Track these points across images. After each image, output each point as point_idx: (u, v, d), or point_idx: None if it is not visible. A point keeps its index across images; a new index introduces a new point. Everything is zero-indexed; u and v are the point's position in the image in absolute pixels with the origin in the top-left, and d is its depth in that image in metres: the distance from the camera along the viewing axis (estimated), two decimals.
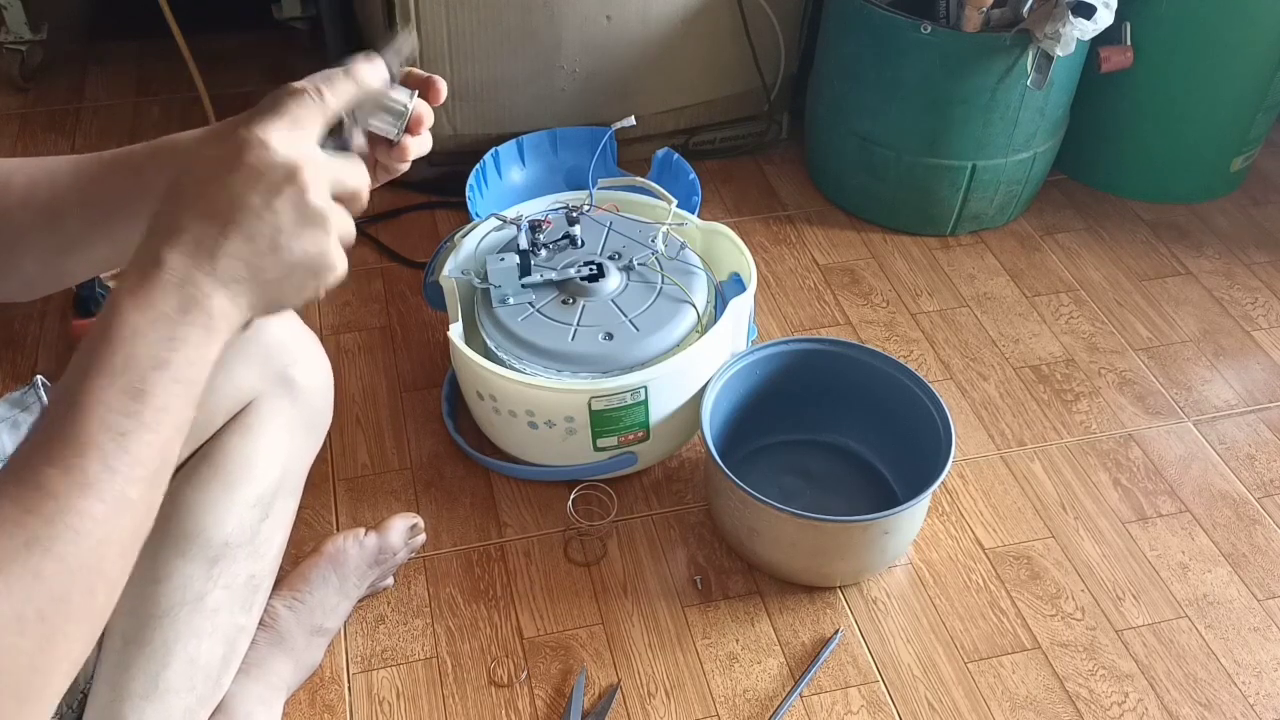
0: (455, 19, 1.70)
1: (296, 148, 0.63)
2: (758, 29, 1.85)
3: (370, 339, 1.62)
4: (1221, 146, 1.89)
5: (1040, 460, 1.47)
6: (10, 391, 0.95)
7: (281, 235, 0.63)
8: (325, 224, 0.65)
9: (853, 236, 1.85)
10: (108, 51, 2.24)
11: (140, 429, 0.59)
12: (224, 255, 0.61)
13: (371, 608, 1.27)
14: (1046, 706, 1.19)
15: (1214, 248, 1.85)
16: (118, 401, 0.58)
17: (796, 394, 1.39)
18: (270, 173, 0.62)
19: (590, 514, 1.35)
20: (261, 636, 1.09)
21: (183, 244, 0.61)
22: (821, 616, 1.27)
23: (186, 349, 0.60)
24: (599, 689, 1.20)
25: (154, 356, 0.59)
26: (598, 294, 1.36)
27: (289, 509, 1.01)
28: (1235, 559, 1.35)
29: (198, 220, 0.61)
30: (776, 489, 1.33)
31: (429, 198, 1.88)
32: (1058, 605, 1.29)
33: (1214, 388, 1.59)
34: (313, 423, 1.01)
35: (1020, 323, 1.69)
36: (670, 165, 1.70)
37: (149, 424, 0.59)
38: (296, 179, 0.62)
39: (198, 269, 0.61)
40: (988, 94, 1.68)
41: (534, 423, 1.31)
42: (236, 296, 0.62)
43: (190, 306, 0.60)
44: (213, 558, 0.93)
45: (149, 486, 0.61)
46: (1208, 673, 1.23)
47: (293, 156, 0.63)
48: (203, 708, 0.97)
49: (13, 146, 1.98)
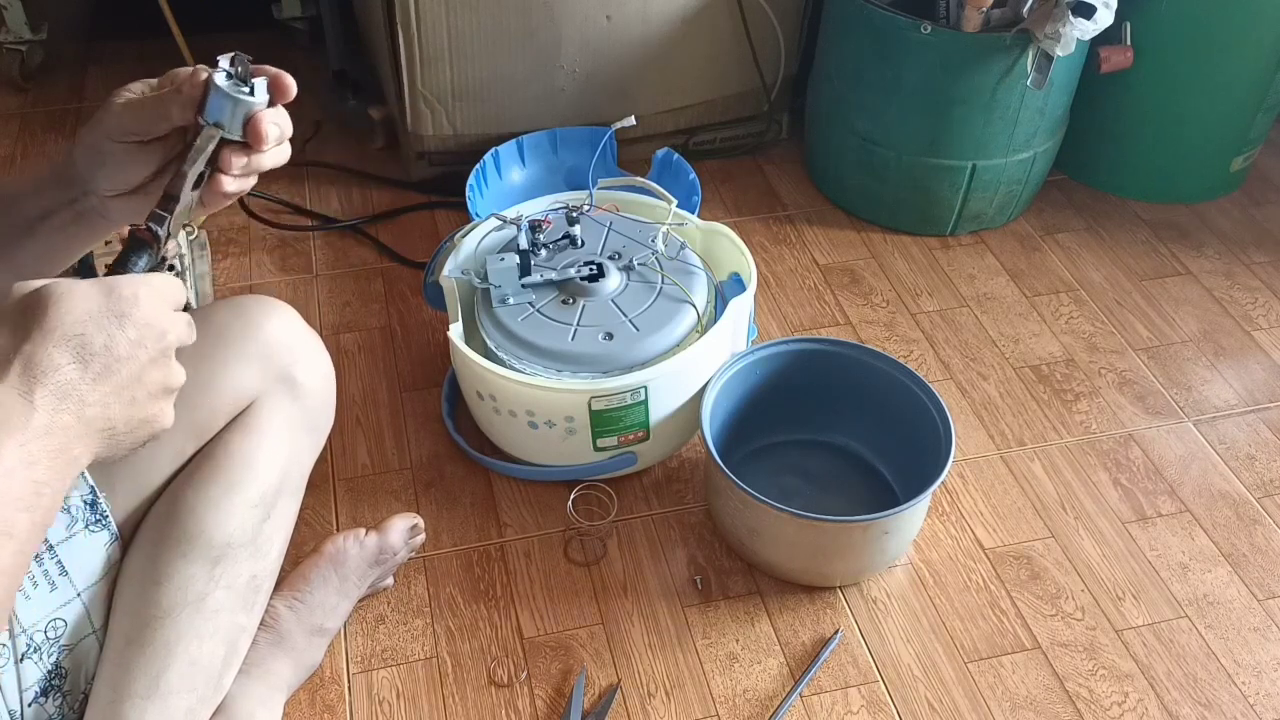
0: (455, 19, 1.70)
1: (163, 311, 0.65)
2: (758, 29, 1.86)
3: (370, 339, 1.62)
4: (1221, 146, 1.89)
5: (1040, 460, 1.47)
6: None
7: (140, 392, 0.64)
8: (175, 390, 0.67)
9: (853, 236, 1.85)
10: (108, 51, 2.24)
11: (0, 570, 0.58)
12: (92, 404, 0.62)
13: (371, 608, 1.27)
14: (1046, 706, 1.19)
15: (1214, 248, 1.85)
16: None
17: (796, 394, 1.40)
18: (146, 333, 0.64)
19: (590, 514, 1.35)
20: (262, 637, 1.09)
21: (54, 384, 0.60)
22: (821, 616, 1.27)
23: (50, 493, 0.61)
24: (599, 689, 1.20)
25: (23, 498, 0.59)
26: (598, 294, 1.36)
27: (290, 509, 1.01)
28: (1235, 559, 1.35)
29: (72, 363, 0.61)
30: (776, 489, 1.33)
31: (429, 198, 1.88)
32: (1058, 605, 1.29)
33: (1214, 388, 1.59)
34: (314, 423, 1.01)
35: (1020, 323, 1.69)
36: (670, 165, 1.70)
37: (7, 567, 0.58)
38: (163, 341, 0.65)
39: (67, 412, 0.61)
40: (988, 94, 1.68)
41: (534, 423, 1.31)
42: (92, 445, 0.63)
43: (60, 452, 0.60)
44: (214, 558, 0.93)
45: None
46: (1208, 673, 1.23)
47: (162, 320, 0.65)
48: (204, 708, 0.97)
49: (13, 146, 1.98)
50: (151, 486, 0.93)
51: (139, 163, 0.75)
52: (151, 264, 0.70)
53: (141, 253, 0.70)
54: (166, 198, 0.72)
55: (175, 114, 0.73)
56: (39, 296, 0.62)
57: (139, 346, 0.63)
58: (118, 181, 0.76)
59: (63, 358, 0.61)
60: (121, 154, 0.74)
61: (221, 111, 0.72)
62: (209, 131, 0.72)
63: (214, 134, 0.72)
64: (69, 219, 0.79)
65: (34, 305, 0.62)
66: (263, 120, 0.73)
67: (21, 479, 0.59)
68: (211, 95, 0.71)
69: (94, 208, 0.78)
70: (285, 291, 1.70)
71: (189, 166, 0.72)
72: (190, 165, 0.72)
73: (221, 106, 0.71)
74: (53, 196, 0.78)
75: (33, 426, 0.59)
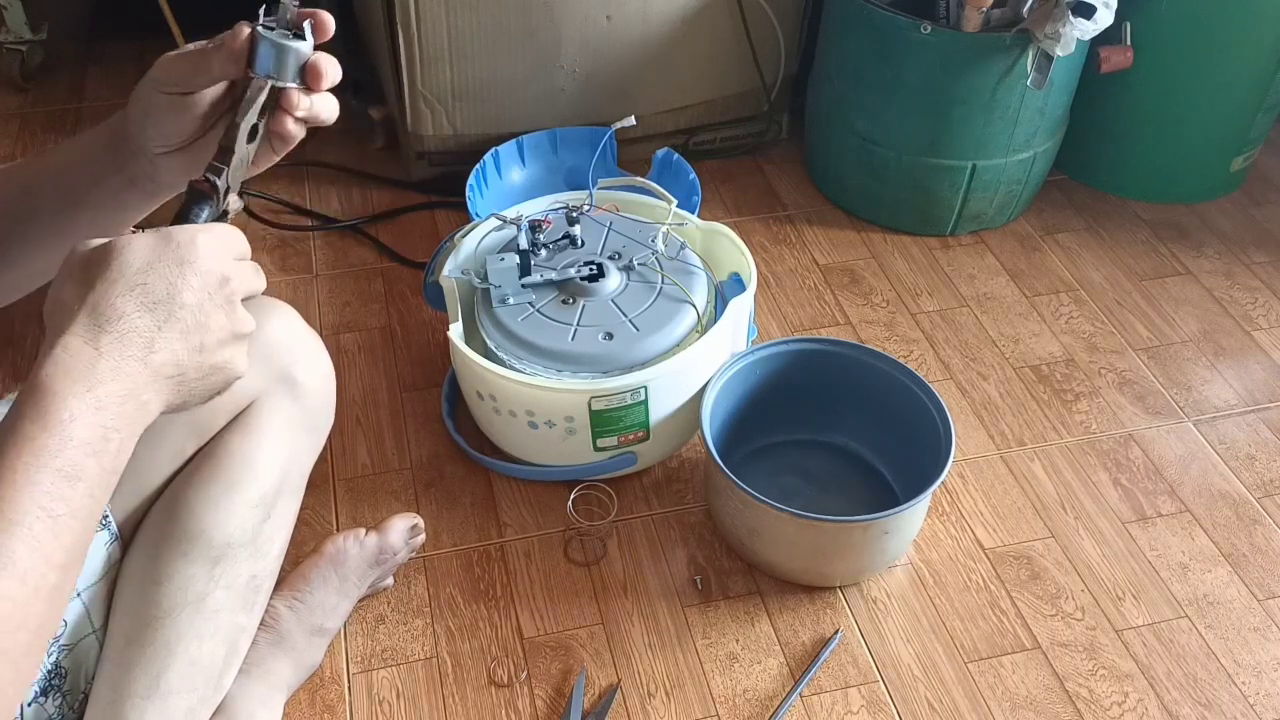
0: (455, 19, 1.70)
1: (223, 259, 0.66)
2: (758, 29, 1.86)
3: (370, 339, 1.62)
4: (1221, 146, 1.89)
5: (1040, 460, 1.47)
6: (11, 392, 0.95)
7: (209, 338, 0.65)
8: (245, 335, 0.68)
9: (853, 236, 1.85)
10: (108, 51, 2.24)
11: (69, 514, 0.58)
12: (159, 350, 0.63)
13: (371, 608, 1.27)
14: (1046, 706, 1.19)
15: (1214, 248, 1.85)
16: (51, 483, 0.58)
17: (796, 394, 1.40)
18: (207, 279, 0.65)
19: (590, 514, 1.35)
20: (262, 637, 1.09)
21: (119, 331, 0.61)
22: (821, 616, 1.27)
23: (119, 439, 0.61)
24: (599, 689, 1.20)
25: (90, 443, 0.59)
26: (598, 294, 1.36)
27: (291, 509, 1.00)
28: (1235, 559, 1.35)
29: (137, 310, 0.62)
30: (776, 489, 1.33)
31: (429, 198, 1.88)
32: (1058, 605, 1.29)
33: (1214, 388, 1.59)
34: (315, 423, 1.01)
35: (1020, 323, 1.69)
36: (670, 165, 1.70)
37: (77, 510, 0.59)
38: (227, 288, 0.66)
39: (134, 359, 0.62)
40: (988, 94, 1.68)
41: (534, 423, 1.31)
42: (162, 391, 0.64)
43: (128, 398, 0.61)
44: (214, 558, 0.93)
45: (63, 575, 0.60)
46: (1208, 673, 1.23)
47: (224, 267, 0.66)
48: (204, 708, 0.97)
49: (13, 146, 1.98)
50: (151, 486, 0.93)
51: (186, 116, 0.75)
52: (213, 216, 0.72)
53: (202, 204, 0.71)
54: (222, 150, 0.73)
55: (216, 67, 0.73)
56: (101, 249, 0.64)
57: (201, 293, 0.65)
58: (167, 134, 0.76)
59: (127, 305, 0.62)
60: (168, 105, 0.75)
61: (269, 60, 0.73)
62: (258, 81, 0.73)
63: (263, 84, 0.73)
64: (120, 185, 0.79)
65: (97, 258, 0.63)
66: (320, 61, 0.74)
67: (89, 424, 0.59)
68: (260, 45, 0.72)
69: (144, 171, 0.78)
70: (285, 291, 1.70)
71: (241, 118, 0.73)
72: (242, 116, 0.73)
73: (269, 55, 0.72)
74: (104, 163, 0.78)
75: (99, 372, 0.60)
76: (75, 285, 0.63)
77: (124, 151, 0.77)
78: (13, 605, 0.55)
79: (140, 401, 0.62)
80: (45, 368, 0.60)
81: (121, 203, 0.81)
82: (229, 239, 0.68)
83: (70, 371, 0.60)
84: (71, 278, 0.63)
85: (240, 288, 0.67)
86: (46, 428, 0.58)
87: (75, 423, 0.59)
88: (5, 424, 0.59)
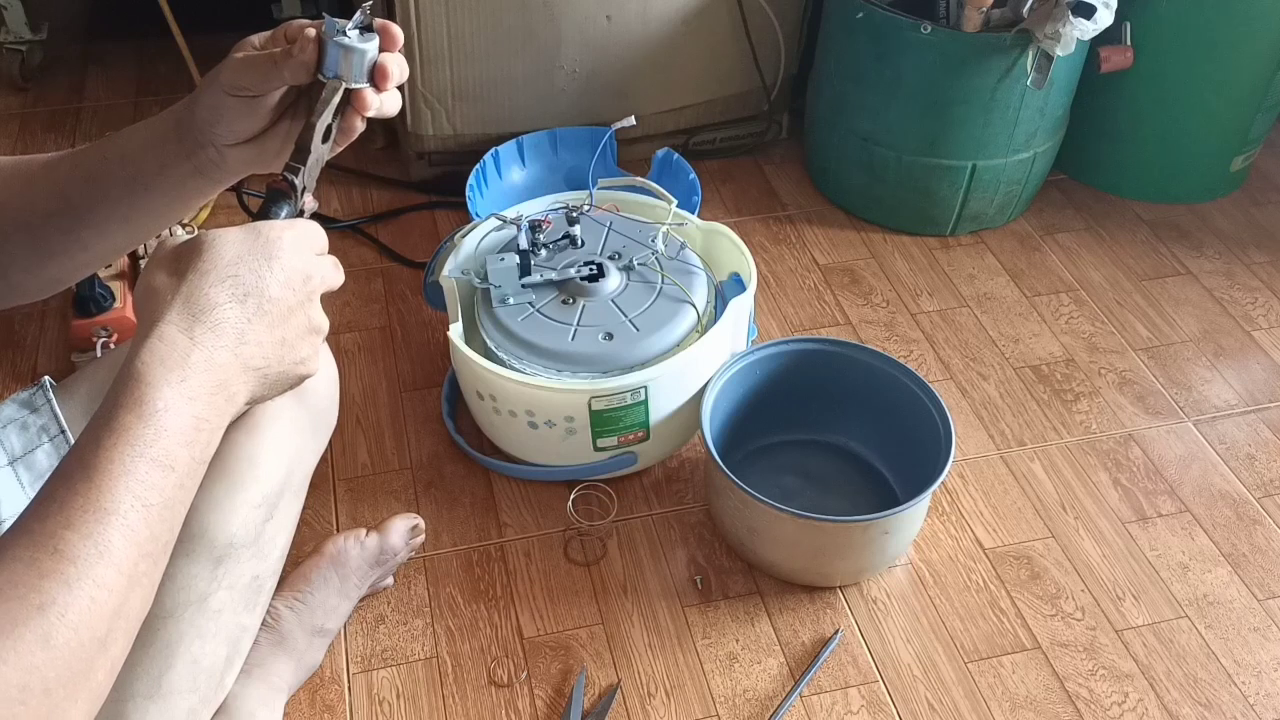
0: (455, 19, 1.71)
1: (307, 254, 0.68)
2: (758, 29, 1.86)
3: (370, 339, 1.62)
4: (1221, 146, 1.89)
5: (1040, 460, 1.47)
6: (12, 391, 0.95)
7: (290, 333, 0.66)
8: (322, 333, 0.69)
9: (853, 236, 1.85)
10: (108, 51, 2.24)
11: (162, 504, 0.59)
12: (249, 341, 0.64)
13: (371, 608, 1.27)
14: (1046, 706, 1.19)
15: (1214, 248, 1.85)
16: (146, 473, 0.58)
17: (796, 394, 1.40)
18: (292, 275, 0.66)
19: (590, 514, 1.35)
20: (263, 637, 1.09)
21: (212, 321, 0.62)
22: (821, 616, 1.27)
23: (209, 429, 0.62)
24: (599, 689, 1.20)
25: (184, 433, 0.60)
26: (598, 294, 1.36)
27: (293, 509, 1.00)
28: (1235, 559, 1.35)
29: (229, 301, 0.63)
30: (776, 489, 1.33)
31: (429, 198, 1.88)
32: (1058, 605, 1.29)
33: (1214, 388, 1.59)
34: (318, 423, 1.01)
35: (1020, 323, 1.69)
36: (670, 165, 1.70)
37: (170, 499, 0.59)
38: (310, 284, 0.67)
39: (226, 349, 0.62)
40: (988, 94, 1.68)
41: (534, 423, 1.31)
42: (249, 383, 0.65)
43: (219, 389, 0.62)
44: (217, 558, 0.93)
45: (155, 563, 0.60)
46: (1208, 673, 1.23)
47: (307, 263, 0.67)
48: (205, 708, 0.97)
49: (13, 146, 1.98)
50: None
51: (255, 115, 0.77)
52: (292, 214, 0.74)
53: (281, 203, 0.73)
54: (298, 149, 0.75)
55: (287, 75, 0.75)
56: (193, 242, 0.65)
57: (287, 288, 0.66)
58: (237, 131, 0.77)
59: (220, 296, 0.63)
60: (237, 106, 0.76)
61: (339, 62, 0.75)
62: (333, 84, 0.75)
63: (337, 85, 0.75)
64: (187, 172, 0.80)
65: (188, 250, 0.64)
66: (388, 63, 0.76)
67: (182, 414, 0.60)
68: (329, 50, 0.74)
69: (212, 160, 0.79)
70: None
71: (316, 118, 0.75)
72: (318, 117, 0.75)
73: (339, 60, 0.75)
74: (170, 152, 0.79)
75: (192, 362, 0.61)
76: (168, 276, 0.63)
77: (190, 141, 0.78)
78: (109, 594, 0.55)
79: (230, 393, 0.63)
80: (141, 356, 0.61)
81: (189, 189, 0.82)
82: (312, 235, 0.69)
83: (165, 360, 0.60)
84: (163, 268, 0.64)
85: (321, 284, 0.69)
86: (142, 417, 0.59)
87: (169, 412, 0.59)
88: (101, 413, 0.60)
